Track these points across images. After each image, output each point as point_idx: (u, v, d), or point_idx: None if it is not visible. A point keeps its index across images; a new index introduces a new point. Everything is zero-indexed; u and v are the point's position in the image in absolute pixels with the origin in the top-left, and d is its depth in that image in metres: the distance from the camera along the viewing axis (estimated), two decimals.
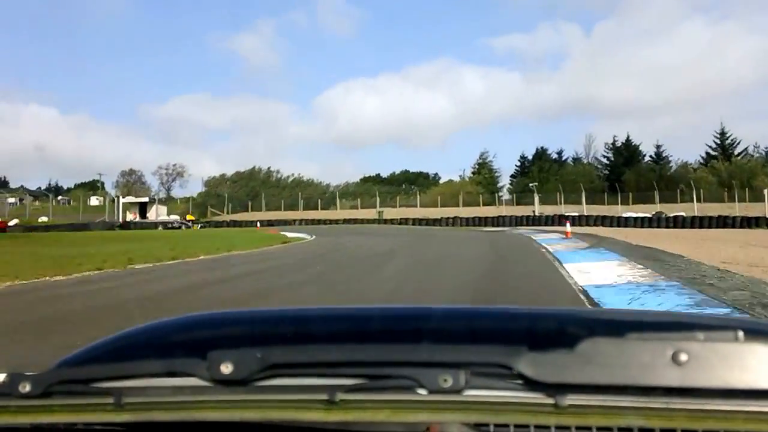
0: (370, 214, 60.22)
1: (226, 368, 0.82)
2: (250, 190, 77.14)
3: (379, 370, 0.81)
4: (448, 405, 0.76)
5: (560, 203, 62.88)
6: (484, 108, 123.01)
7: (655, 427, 0.73)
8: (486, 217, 52.14)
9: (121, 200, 62.81)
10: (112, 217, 61.35)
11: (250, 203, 69.44)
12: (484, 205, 66.07)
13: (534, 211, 55.04)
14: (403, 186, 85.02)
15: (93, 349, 0.97)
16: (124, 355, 0.93)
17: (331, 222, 56.85)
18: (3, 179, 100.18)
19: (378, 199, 68.32)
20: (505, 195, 74.85)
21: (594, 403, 0.75)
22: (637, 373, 0.76)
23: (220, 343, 0.89)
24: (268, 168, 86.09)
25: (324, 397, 0.78)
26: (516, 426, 0.75)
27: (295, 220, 57.77)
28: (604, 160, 77.25)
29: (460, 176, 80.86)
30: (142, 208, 64.47)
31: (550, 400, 0.75)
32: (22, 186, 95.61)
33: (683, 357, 0.75)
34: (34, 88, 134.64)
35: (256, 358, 0.82)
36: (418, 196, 71.40)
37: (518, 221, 50.30)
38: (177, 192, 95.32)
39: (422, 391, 0.78)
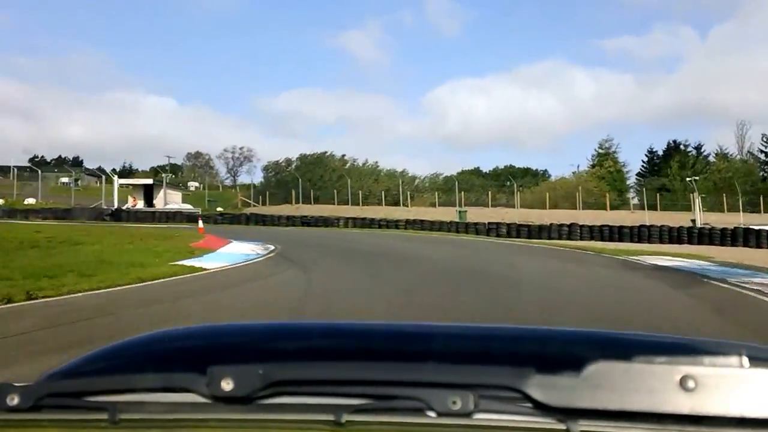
0: (451, 214, 42.71)
1: (227, 384, 0.78)
2: (316, 178, 62.03)
3: (386, 390, 0.79)
4: (457, 429, 0.75)
5: (725, 209, 42.96)
6: (595, 110, 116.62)
7: None
8: (621, 227, 33.41)
9: (117, 182, 48.26)
10: (122, 203, 47.48)
11: (294, 192, 53.53)
12: (611, 208, 46.95)
13: (694, 220, 36.05)
14: (507, 183, 66.93)
15: (86, 361, 0.94)
16: (118, 367, 0.90)
17: (386, 224, 40.11)
18: (76, 159, 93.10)
19: (461, 195, 50.47)
20: (634, 198, 55.53)
21: (605, 430, 0.74)
22: (647, 398, 0.75)
23: (221, 357, 0.86)
24: (343, 155, 70.30)
25: (329, 417, 0.76)
26: None
27: (338, 219, 41.26)
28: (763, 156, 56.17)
29: (573, 173, 61.84)
30: (147, 193, 50.04)
31: (562, 426, 0.74)
32: (83, 166, 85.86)
33: (691, 383, 0.75)
34: (160, 81, 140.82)
35: (258, 375, 0.79)
36: (516, 193, 52.80)
37: (670, 234, 31.56)
38: (244, 178, 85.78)
39: (431, 414, 0.76)
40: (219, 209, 46.57)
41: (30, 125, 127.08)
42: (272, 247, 18.89)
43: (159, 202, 48.17)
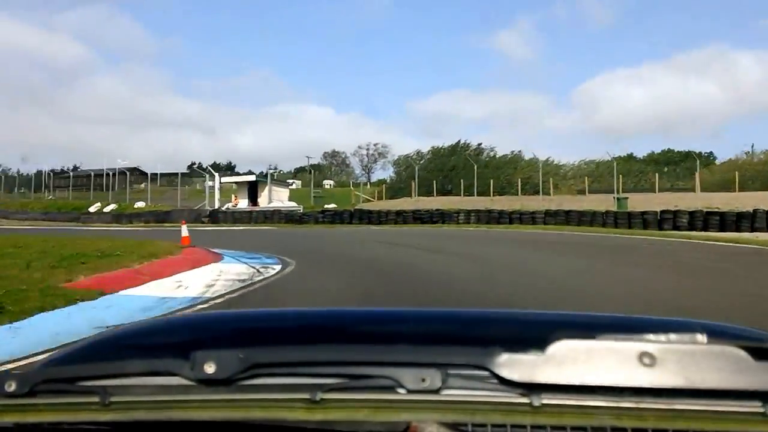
0: (605, 203, 33.40)
1: (210, 368, 0.83)
2: (447, 170, 54.90)
3: (360, 370, 0.83)
4: (426, 404, 0.78)
5: None
6: (759, 94, 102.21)
7: (627, 426, 0.75)
8: None
9: (218, 180, 43.74)
10: (223, 202, 43.25)
11: (414, 185, 46.35)
12: None
13: None
14: (666, 169, 55.32)
15: (79, 348, 0.99)
16: (109, 354, 0.95)
17: (519, 217, 31.78)
18: (229, 164, 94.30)
19: (619, 179, 40.47)
20: None
21: (568, 403, 0.77)
22: (607, 374, 0.78)
23: (204, 343, 0.91)
24: (479, 144, 62.20)
25: (305, 396, 0.79)
26: (493, 425, 0.77)
27: (458, 213, 33.53)
28: None
29: (747, 153, 49.71)
30: (252, 191, 45.03)
31: (525, 400, 0.77)
32: (235, 171, 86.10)
33: (650, 359, 0.79)
34: (319, 92, 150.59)
35: (239, 358, 0.84)
36: (698, 174, 41.76)
37: None
38: (379, 174, 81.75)
39: (401, 391, 0.80)
40: (329, 206, 40.73)
41: (205, 138, 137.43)
42: (272, 273, 10.82)
43: (262, 201, 43.26)
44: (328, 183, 75.89)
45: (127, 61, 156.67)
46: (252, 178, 47.01)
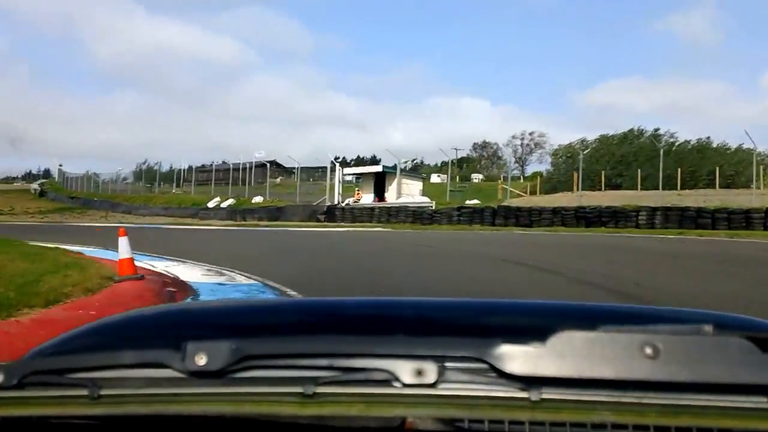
0: None
1: (201, 360, 0.81)
2: (615, 161, 45.89)
3: (354, 362, 0.81)
4: (422, 399, 0.76)
5: None
6: None
7: (627, 422, 0.73)
8: None
9: (339, 172, 37.67)
10: (346, 197, 37.79)
11: (577, 177, 37.51)
12: None
13: None
14: None
15: (68, 339, 0.97)
16: (99, 345, 0.93)
17: (726, 217, 22.69)
18: (373, 158, 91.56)
19: None
20: None
21: (567, 398, 0.75)
22: (609, 366, 0.76)
23: (196, 334, 0.88)
24: (655, 130, 51.85)
25: (298, 390, 0.78)
26: (491, 421, 0.75)
27: (638, 211, 24.83)
28: None
29: None
30: (378, 184, 38.58)
31: (524, 394, 0.75)
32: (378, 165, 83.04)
33: (654, 350, 0.76)
34: (475, 85, 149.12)
35: (231, 350, 0.82)
36: None
37: None
38: (534, 167, 73.99)
39: (397, 384, 0.78)
40: (470, 202, 33.65)
41: (356, 133, 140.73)
42: None
43: (390, 196, 36.98)
44: (476, 177, 68.87)
45: (285, 60, 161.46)
46: (378, 168, 40.57)
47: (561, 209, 27.08)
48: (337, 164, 38.73)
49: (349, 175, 43.15)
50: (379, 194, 38.11)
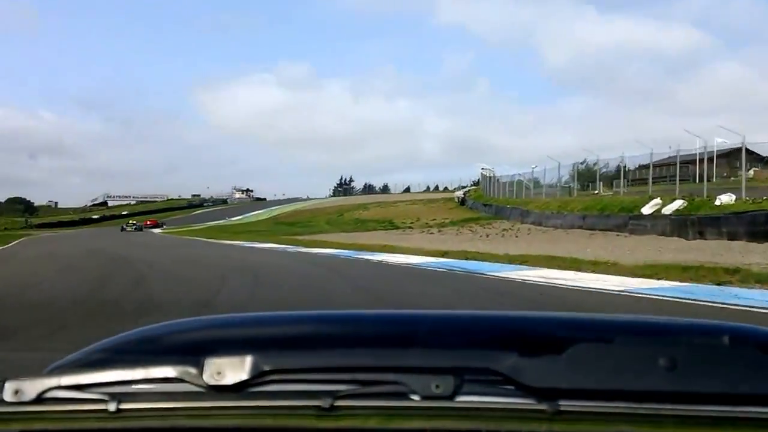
0: None
1: (219, 374, 0.82)
2: None
3: (372, 376, 0.82)
4: (440, 411, 0.77)
5: None
6: None
7: None
8: None
9: None
10: None
11: None
12: None
13: None
14: None
15: (86, 354, 0.97)
16: (118, 360, 0.92)
17: None
18: None
19: None
20: None
21: (585, 409, 0.75)
22: (626, 378, 0.77)
23: (214, 348, 0.89)
24: None
25: (316, 403, 0.79)
26: None
27: None
28: None
29: None
30: None
31: (542, 406, 0.75)
32: None
33: (671, 362, 0.77)
34: None
35: (248, 364, 0.83)
36: None
37: None
38: None
39: (414, 397, 0.78)
40: None
41: None
42: None
43: None
44: None
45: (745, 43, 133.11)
46: None
47: None
48: None
49: None
50: None
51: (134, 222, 67.87)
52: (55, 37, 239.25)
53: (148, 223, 70.68)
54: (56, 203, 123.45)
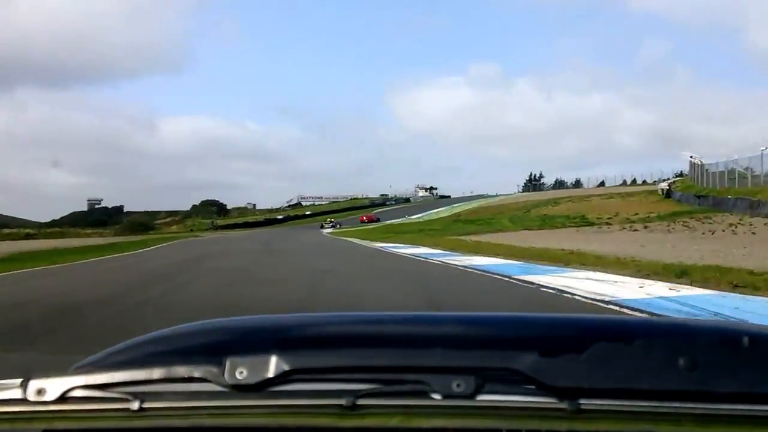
0: None
1: (242, 374, 0.83)
2: None
3: (393, 375, 0.82)
4: (461, 410, 0.78)
5: None
6: None
7: None
8: None
9: None
10: None
11: None
12: None
13: None
14: None
15: (110, 354, 0.98)
16: (141, 360, 0.93)
17: None
18: None
19: None
20: None
21: (605, 408, 0.76)
22: (647, 377, 0.77)
23: (237, 348, 0.90)
24: None
25: (338, 402, 0.79)
26: (528, 431, 0.76)
27: None
28: None
29: None
30: None
31: (562, 405, 0.76)
32: None
33: (691, 362, 0.77)
34: None
35: (272, 364, 0.84)
36: None
37: None
38: None
39: (436, 396, 0.79)
40: None
41: None
42: None
43: None
44: None
45: None
46: None
47: None
48: None
49: None
50: None
51: (331, 219, 74.17)
52: (257, 52, 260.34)
53: (364, 218, 73.77)
54: (254, 205, 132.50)
